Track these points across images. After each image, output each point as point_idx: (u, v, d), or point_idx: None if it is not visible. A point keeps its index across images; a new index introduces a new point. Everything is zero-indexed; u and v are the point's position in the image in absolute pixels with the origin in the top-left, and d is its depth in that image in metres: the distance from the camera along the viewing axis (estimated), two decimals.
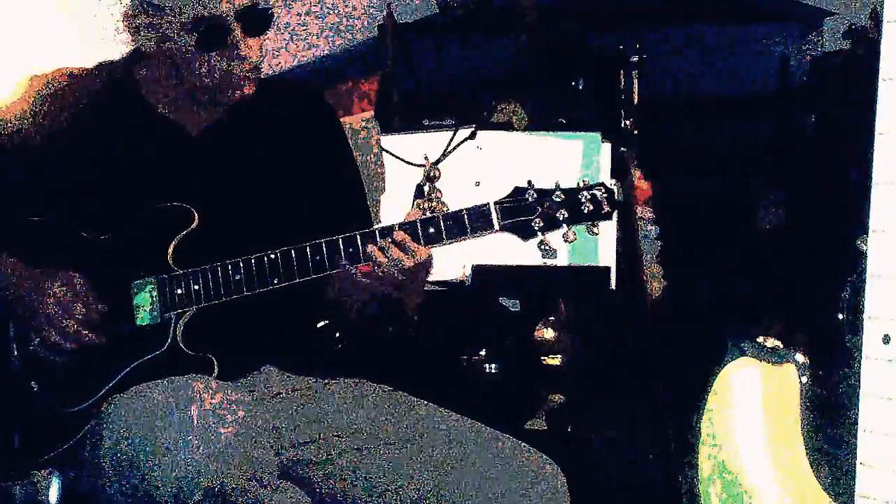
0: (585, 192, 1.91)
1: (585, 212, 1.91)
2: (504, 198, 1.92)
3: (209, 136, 2.05)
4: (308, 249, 1.91)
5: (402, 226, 1.91)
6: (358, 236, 1.91)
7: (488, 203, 1.91)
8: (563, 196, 1.91)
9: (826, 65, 3.62)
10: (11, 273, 1.97)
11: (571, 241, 1.91)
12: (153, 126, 2.04)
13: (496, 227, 1.91)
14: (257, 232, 1.98)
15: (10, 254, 1.98)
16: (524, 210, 1.91)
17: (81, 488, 1.87)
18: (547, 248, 1.92)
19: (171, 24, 1.92)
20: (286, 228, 1.98)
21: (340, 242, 1.91)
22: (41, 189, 2.00)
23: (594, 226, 1.92)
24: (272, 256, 1.92)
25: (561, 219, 1.90)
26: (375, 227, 1.93)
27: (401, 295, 1.96)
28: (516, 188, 1.93)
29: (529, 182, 1.93)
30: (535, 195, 1.91)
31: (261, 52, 1.98)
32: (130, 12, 1.96)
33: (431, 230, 1.90)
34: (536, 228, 1.90)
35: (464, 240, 1.92)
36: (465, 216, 1.91)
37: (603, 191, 1.92)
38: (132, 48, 2.05)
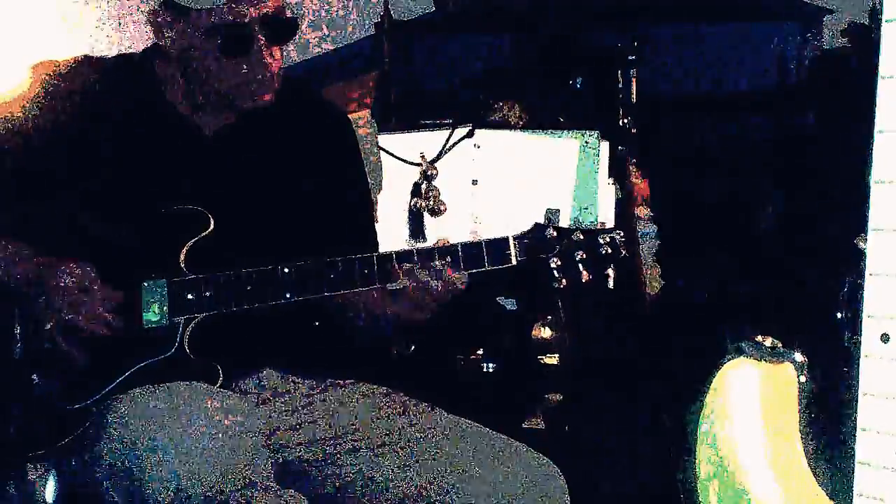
0: (605, 236, 1.91)
1: (603, 254, 1.90)
2: (523, 233, 1.91)
3: (225, 138, 2.03)
4: (323, 268, 1.90)
5: (419, 254, 1.90)
6: (375, 258, 1.90)
7: (507, 237, 1.90)
8: (582, 237, 1.91)
9: (825, 63, 3.62)
10: (25, 258, 1.94)
11: (585, 281, 1.92)
12: (170, 124, 2.02)
13: (514, 262, 1.91)
14: (271, 239, 1.97)
15: (22, 243, 1.97)
16: (543, 248, 1.90)
17: (79, 487, 1.86)
18: (557, 281, 1.92)
19: (195, 26, 1.91)
20: (299, 237, 1.97)
21: (356, 262, 1.90)
22: (53, 181, 1.98)
23: (609, 267, 1.93)
24: (286, 270, 1.91)
25: (578, 259, 1.90)
26: (394, 251, 1.91)
27: (406, 319, 1.95)
28: (536, 224, 1.92)
29: (549, 219, 1.93)
30: (554, 234, 1.90)
31: (281, 60, 1.97)
32: (155, 11, 1.95)
33: (449, 260, 1.90)
34: (553, 267, 1.90)
35: (480, 271, 1.92)
36: (484, 249, 1.90)
37: (622, 234, 1.92)
38: (153, 43, 2.04)
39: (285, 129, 2.07)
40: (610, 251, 1.91)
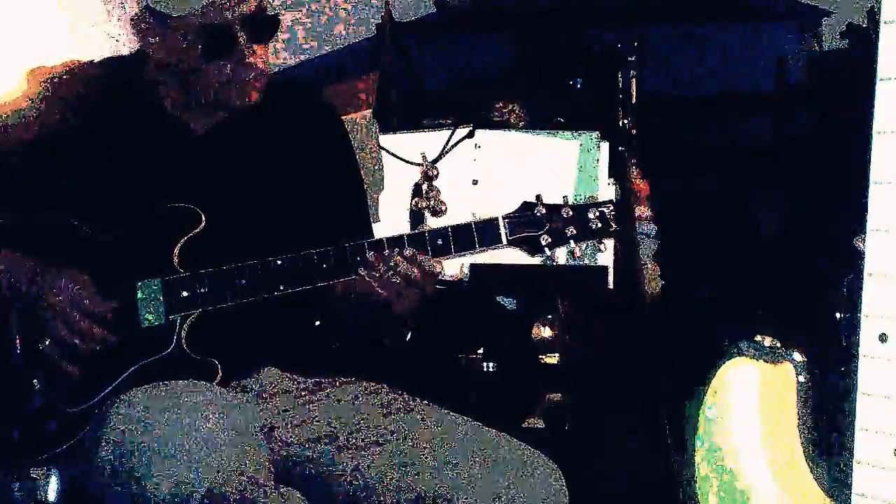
0: (594, 210, 1.91)
1: (593, 228, 1.91)
2: (512, 212, 1.92)
3: (216, 137, 2.04)
4: (315, 257, 1.91)
5: (410, 237, 1.90)
6: (366, 245, 1.90)
7: (497, 217, 1.91)
8: (571, 212, 1.91)
9: (824, 64, 3.62)
10: (19, 268, 1.95)
11: (578, 258, 1.92)
12: (161, 124, 2.03)
13: (504, 241, 1.91)
14: (263, 236, 1.98)
15: (15, 249, 1.98)
16: (532, 225, 1.91)
17: (81, 487, 1.87)
18: (550, 258, 1.93)
19: (178, 31, 1.91)
20: (292, 233, 1.98)
21: (348, 251, 1.90)
22: (46, 185, 1.99)
23: (601, 242, 1.93)
24: (279, 262, 1.91)
25: (569, 235, 1.91)
26: (384, 237, 1.92)
27: (400, 306, 1.95)
28: (525, 203, 1.93)
29: (538, 196, 1.93)
30: (543, 210, 1.91)
31: (267, 57, 1.98)
32: (137, 17, 1.96)
33: (440, 242, 1.90)
34: (544, 244, 1.91)
35: (472, 253, 1.92)
36: (474, 229, 1.91)
37: (611, 208, 1.92)
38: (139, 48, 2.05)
39: (273, 125, 2.07)
40: (600, 225, 1.91)
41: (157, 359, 1.92)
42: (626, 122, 3.09)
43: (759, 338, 1.55)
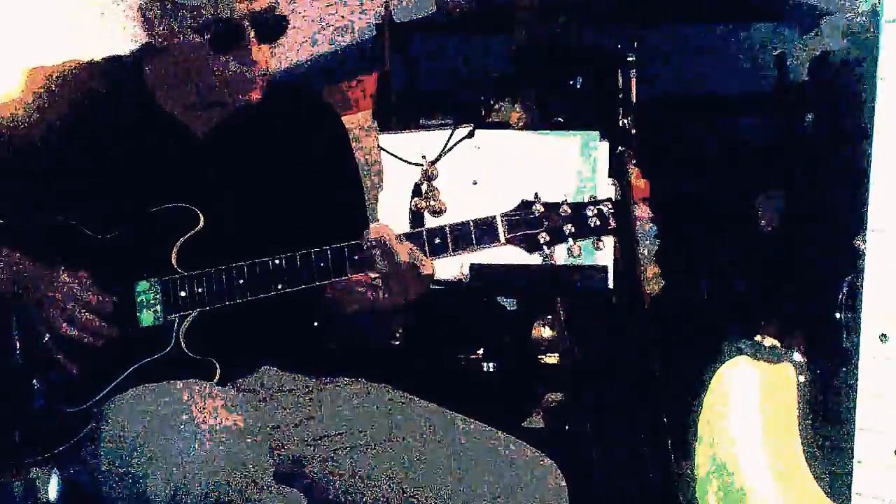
0: (592, 207, 1.91)
1: (592, 226, 1.91)
2: (511, 210, 1.92)
3: (214, 137, 2.04)
4: (313, 256, 1.91)
5: (408, 236, 1.90)
6: (365, 244, 1.90)
7: (495, 215, 1.91)
8: (569, 210, 1.91)
9: (825, 63, 3.62)
10: (19, 268, 1.96)
11: (576, 256, 1.92)
12: (160, 124, 2.03)
13: (502, 239, 1.91)
14: (261, 235, 1.98)
15: (15, 249, 1.98)
16: (530, 223, 1.91)
17: (81, 486, 1.87)
18: (548, 256, 1.92)
19: (186, 21, 1.91)
20: (290, 233, 1.98)
21: (346, 250, 1.90)
22: (46, 185, 2.00)
23: (599, 240, 1.92)
24: (277, 262, 1.91)
25: (567, 233, 1.91)
26: (381, 237, 1.92)
27: (397, 305, 1.95)
28: (523, 201, 1.92)
29: (536, 195, 1.92)
30: (541, 208, 1.91)
31: (270, 57, 1.98)
32: (145, 5, 1.96)
33: (437, 241, 1.90)
34: (542, 242, 1.90)
35: (470, 251, 1.92)
36: (472, 228, 1.90)
37: (610, 206, 1.91)
38: (142, 43, 2.05)
39: (273, 125, 2.08)
40: (599, 223, 1.91)
41: (156, 358, 1.92)
42: (625, 121, 3.09)
43: (759, 338, 1.55)
